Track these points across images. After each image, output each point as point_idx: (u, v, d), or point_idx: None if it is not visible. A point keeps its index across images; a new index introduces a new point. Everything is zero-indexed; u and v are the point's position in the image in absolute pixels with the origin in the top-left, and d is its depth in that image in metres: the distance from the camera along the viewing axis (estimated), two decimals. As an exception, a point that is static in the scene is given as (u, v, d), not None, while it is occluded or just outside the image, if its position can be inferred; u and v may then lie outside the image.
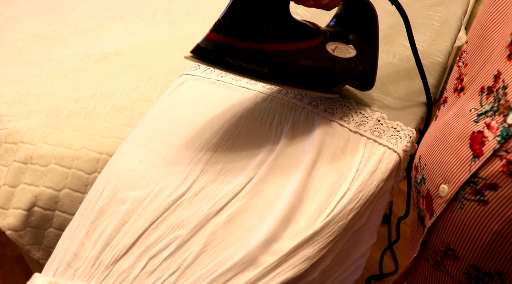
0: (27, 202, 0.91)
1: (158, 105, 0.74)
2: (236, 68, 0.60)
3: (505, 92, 0.52)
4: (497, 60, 0.55)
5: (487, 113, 0.54)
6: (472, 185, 0.53)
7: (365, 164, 0.64)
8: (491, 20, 0.57)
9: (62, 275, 0.52)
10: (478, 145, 0.54)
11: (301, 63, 0.65)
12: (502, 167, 0.50)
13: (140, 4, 1.54)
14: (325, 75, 0.69)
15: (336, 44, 0.68)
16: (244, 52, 0.60)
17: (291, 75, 0.65)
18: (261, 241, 0.54)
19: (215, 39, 0.59)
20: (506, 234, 0.51)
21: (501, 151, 0.50)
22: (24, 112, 1.03)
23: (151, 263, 0.53)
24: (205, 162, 0.64)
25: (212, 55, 0.59)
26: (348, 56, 0.70)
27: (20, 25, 1.40)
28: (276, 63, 0.62)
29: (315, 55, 0.66)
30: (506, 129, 0.50)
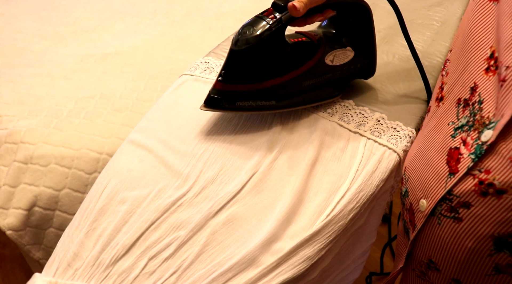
0: (27, 202, 0.91)
1: (158, 105, 0.74)
2: (247, 108, 0.67)
3: (480, 108, 0.52)
4: (474, 72, 0.55)
5: (463, 128, 0.54)
6: (447, 202, 0.53)
7: (365, 164, 0.64)
8: (473, 31, 0.56)
9: (62, 275, 0.52)
10: (454, 161, 0.53)
11: (304, 85, 0.69)
12: (474, 186, 0.49)
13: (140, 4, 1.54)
14: (328, 85, 0.72)
15: (333, 53, 0.70)
16: (250, 94, 0.66)
17: (297, 98, 0.70)
18: (261, 241, 0.54)
19: (223, 89, 0.65)
20: (480, 251, 0.50)
21: (474, 169, 0.50)
22: (24, 112, 1.03)
23: (151, 263, 0.53)
24: (204, 162, 0.64)
25: (224, 103, 0.66)
26: (347, 60, 0.72)
27: (20, 25, 1.40)
28: (280, 93, 0.68)
29: (316, 73, 0.70)
30: (480, 147, 0.49)
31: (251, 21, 0.63)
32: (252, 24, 0.63)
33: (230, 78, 0.65)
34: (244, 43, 0.62)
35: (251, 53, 0.63)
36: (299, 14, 0.61)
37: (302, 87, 0.69)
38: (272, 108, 0.68)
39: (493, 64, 0.52)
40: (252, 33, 0.62)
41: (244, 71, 0.65)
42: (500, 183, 0.47)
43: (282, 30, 0.63)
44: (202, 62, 0.84)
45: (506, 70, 0.48)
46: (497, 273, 0.50)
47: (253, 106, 0.67)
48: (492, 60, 0.52)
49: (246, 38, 0.62)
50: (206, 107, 0.66)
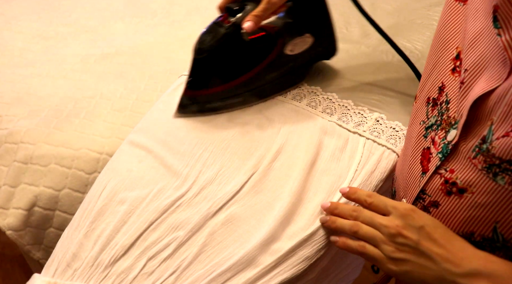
0: (27, 202, 0.91)
1: (157, 106, 0.74)
2: (217, 109, 0.71)
3: (447, 108, 0.52)
4: (442, 72, 0.55)
5: (433, 127, 0.55)
6: (421, 201, 0.54)
7: (364, 164, 0.64)
8: (442, 32, 0.57)
9: (61, 275, 0.52)
10: (426, 161, 0.54)
11: (268, 78, 0.73)
12: (441, 185, 0.50)
13: (140, 4, 1.53)
14: (291, 74, 0.76)
15: (292, 43, 0.73)
16: (218, 95, 0.71)
17: (263, 91, 0.74)
18: (260, 241, 0.54)
19: (192, 95, 0.70)
20: None
21: (441, 168, 0.50)
22: (24, 112, 1.03)
23: (149, 264, 0.53)
24: (203, 163, 0.64)
25: (194, 108, 0.71)
26: (307, 46, 0.75)
27: (20, 25, 1.39)
28: (246, 90, 0.72)
29: (278, 65, 0.73)
30: (446, 146, 0.50)
31: (208, 29, 0.67)
32: (210, 32, 0.66)
33: (196, 85, 0.70)
34: (204, 51, 0.66)
35: (211, 59, 0.68)
36: (253, 30, 0.65)
37: (266, 80, 0.73)
38: (242, 104, 0.73)
39: (458, 65, 0.52)
40: (210, 40, 0.66)
41: (208, 76, 0.70)
42: (461, 182, 0.48)
43: (238, 33, 0.66)
44: (201, 63, 0.83)
45: (465, 72, 0.49)
46: None
47: (222, 106, 0.71)
48: (458, 61, 0.53)
49: (205, 46, 0.66)
50: (179, 114, 0.70)
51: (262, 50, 0.72)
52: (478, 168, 0.45)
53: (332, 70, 0.83)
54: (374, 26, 0.74)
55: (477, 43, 0.48)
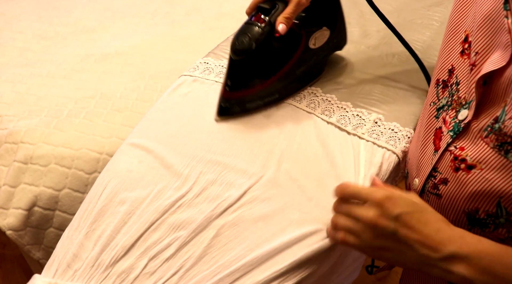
0: (27, 202, 0.91)
1: (157, 106, 0.74)
2: (257, 107, 0.72)
3: (457, 89, 0.55)
4: (452, 55, 0.57)
5: (444, 108, 0.57)
6: (432, 179, 0.56)
7: (369, 167, 0.64)
8: (453, 16, 0.59)
9: (62, 276, 0.52)
10: (438, 139, 0.56)
11: (297, 73, 0.75)
12: (450, 162, 0.52)
13: (140, 4, 1.53)
14: (315, 66, 0.79)
15: (314, 37, 0.75)
16: (256, 95, 0.71)
17: (294, 85, 0.76)
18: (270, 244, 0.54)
19: (232, 97, 0.70)
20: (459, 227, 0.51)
21: (452, 145, 0.53)
22: (24, 112, 1.03)
23: (151, 264, 0.53)
24: (205, 163, 0.64)
25: (236, 109, 0.71)
26: (326, 39, 0.77)
27: (20, 25, 1.39)
28: (281, 86, 0.73)
29: (305, 59, 0.75)
30: (457, 124, 0.52)
31: (243, 29, 0.67)
32: (245, 32, 0.66)
33: (236, 86, 0.70)
34: (243, 52, 0.66)
35: (251, 60, 0.68)
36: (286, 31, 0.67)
37: (296, 75, 0.75)
38: (277, 100, 0.74)
39: (467, 47, 0.54)
40: (248, 41, 0.65)
41: (247, 77, 0.70)
42: (471, 159, 0.50)
43: (272, 31, 0.67)
44: (201, 63, 0.84)
45: (476, 55, 0.51)
46: None
47: (261, 104, 0.72)
48: (466, 44, 0.54)
49: (244, 47, 0.66)
50: (220, 117, 0.70)
51: (291, 46, 0.73)
52: (490, 146, 0.48)
53: (332, 70, 0.83)
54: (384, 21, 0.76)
55: (486, 26, 0.50)
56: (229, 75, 0.70)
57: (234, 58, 0.68)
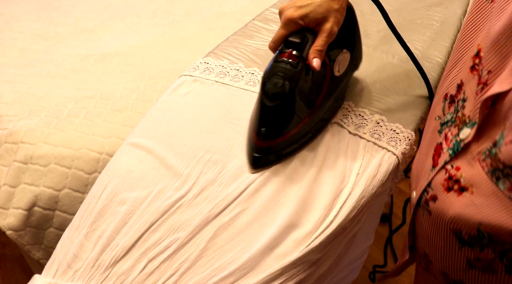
0: (27, 202, 0.91)
1: (157, 106, 0.74)
2: (293, 151, 0.65)
3: (463, 106, 0.52)
4: (462, 69, 0.55)
5: (447, 124, 0.55)
6: (425, 194, 0.54)
7: (366, 167, 0.63)
8: (466, 29, 0.56)
9: (62, 276, 0.52)
10: (437, 156, 0.54)
11: (327, 105, 0.69)
12: (444, 180, 0.51)
13: (140, 4, 1.53)
14: (340, 95, 0.73)
15: (337, 62, 0.70)
16: (292, 138, 0.64)
17: (326, 120, 0.70)
18: (264, 245, 0.54)
19: (267, 146, 0.63)
20: (451, 245, 0.51)
21: (448, 163, 0.51)
22: (24, 112, 1.03)
23: (150, 265, 0.53)
24: (204, 163, 0.64)
25: (272, 158, 0.64)
26: (347, 63, 0.72)
27: (20, 25, 1.40)
28: (315, 123, 0.67)
29: (333, 89, 0.70)
30: (458, 143, 0.50)
31: (274, 69, 0.60)
32: (278, 73, 0.60)
33: (271, 134, 0.63)
34: (280, 96, 0.60)
35: (288, 103, 0.62)
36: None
37: (326, 108, 0.69)
38: (311, 140, 0.67)
39: (477, 62, 0.52)
40: (283, 83, 0.59)
41: (283, 122, 0.63)
42: (464, 181, 0.48)
43: (306, 68, 0.61)
44: (201, 63, 0.84)
45: (489, 74, 0.48)
46: (471, 267, 0.51)
47: (296, 148, 0.65)
48: (477, 59, 0.52)
49: (280, 91, 0.59)
50: (256, 169, 0.63)
51: (320, 79, 0.68)
52: (485, 170, 0.46)
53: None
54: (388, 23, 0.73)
55: (500, 43, 0.47)
56: (263, 122, 0.63)
57: (269, 104, 0.61)
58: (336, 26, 0.62)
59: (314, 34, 0.62)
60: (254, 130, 0.64)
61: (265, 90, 0.60)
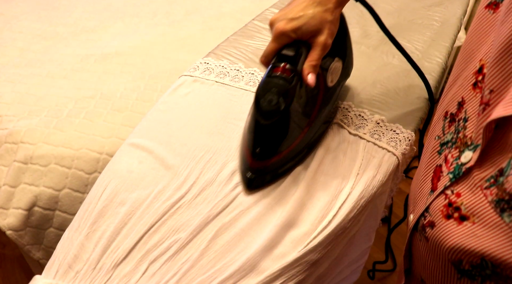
0: (27, 202, 0.91)
1: (157, 106, 0.74)
2: (289, 169, 0.62)
3: (465, 126, 0.49)
4: (463, 85, 0.52)
5: (448, 144, 0.52)
6: (422, 219, 0.52)
7: (365, 167, 0.63)
8: (468, 41, 0.54)
9: (63, 277, 0.52)
10: (436, 179, 0.52)
11: (322, 119, 0.67)
12: (443, 207, 0.48)
13: (140, 4, 1.54)
14: (334, 105, 0.71)
15: (330, 73, 0.66)
16: (287, 157, 0.61)
17: (321, 133, 0.67)
18: (262, 246, 0.54)
19: (262, 166, 0.60)
20: (449, 274, 0.49)
21: (449, 189, 0.48)
22: (24, 112, 1.03)
23: (151, 267, 0.53)
24: (204, 164, 0.64)
25: (267, 178, 0.61)
26: (340, 71, 0.69)
27: (20, 25, 1.40)
28: (310, 139, 0.64)
29: (327, 101, 0.67)
30: (459, 167, 0.48)
31: (268, 85, 0.56)
32: (272, 89, 0.56)
33: (266, 154, 0.60)
34: (275, 114, 0.56)
35: (283, 121, 0.59)
36: None
37: (322, 121, 0.67)
38: (306, 155, 0.65)
39: (480, 79, 0.48)
40: (278, 100, 0.55)
41: (277, 141, 0.60)
42: (465, 208, 0.45)
43: (300, 82, 0.58)
44: (201, 63, 0.84)
45: (491, 93, 0.44)
46: None
47: (292, 165, 0.63)
48: (480, 75, 0.48)
49: (276, 108, 0.55)
50: (251, 191, 0.60)
51: (314, 91, 0.64)
52: (488, 199, 0.43)
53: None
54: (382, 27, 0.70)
55: (505, 58, 0.43)
56: (257, 142, 0.60)
57: (264, 123, 0.58)
58: (330, 38, 0.59)
59: (308, 47, 0.59)
60: (248, 150, 0.61)
61: (260, 108, 0.56)
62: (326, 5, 0.57)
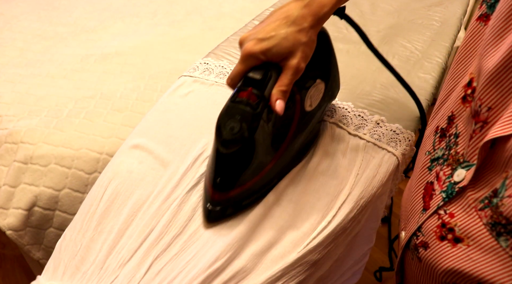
0: (27, 202, 0.91)
1: (157, 107, 0.74)
2: (255, 201, 0.59)
3: (456, 142, 0.48)
4: (453, 100, 0.50)
5: (439, 161, 0.50)
6: (415, 238, 0.50)
7: (365, 168, 0.63)
8: (459, 54, 0.52)
9: (71, 279, 0.52)
10: (428, 197, 0.50)
11: (296, 146, 0.62)
12: (436, 227, 0.47)
13: (140, 4, 1.54)
14: (313, 130, 0.66)
15: (309, 95, 0.61)
16: (253, 188, 0.57)
17: (293, 160, 0.63)
18: (262, 246, 0.54)
19: (224, 198, 0.56)
20: None
21: (442, 208, 0.47)
22: (24, 112, 1.03)
23: (156, 265, 0.53)
24: (204, 164, 0.64)
25: (230, 211, 0.57)
26: (322, 94, 0.64)
27: (20, 25, 1.40)
28: (280, 167, 0.60)
29: (303, 127, 0.62)
30: (452, 186, 0.46)
31: (231, 111, 0.51)
32: (234, 115, 0.51)
33: (228, 185, 0.56)
34: (237, 143, 0.51)
35: (246, 150, 0.53)
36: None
37: (295, 149, 0.62)
38: (276, 184, 0.61)
39: (470, 93, 0.46)
40: (241, 128, 0.50)
41: (241, 171, 0.55)
42: (459, 230, 0.44)
43: (267, 108, 0.53)
44: (201, 63, 0.84)
45: (489, 111, 0.42)
46: None
47: (259, 196, 0.59)
48: (469, 89, 0.47)
49: (237, 137, 0.50)
50: (210, 224, 0.57)
51: (287, 117, 0.59)
52: (483, 222, 0.41)
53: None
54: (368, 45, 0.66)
55: (500, 78, 0.41)
56: (218, 173, 0.55)
57: (225, 152, 0.53)
58: (304, 61, 0.53)
59: (279, 70, 0.53)
60: (209, 180, 0.56)
61: (220, 136, 0.51)
62: (301, 24, 0.52)
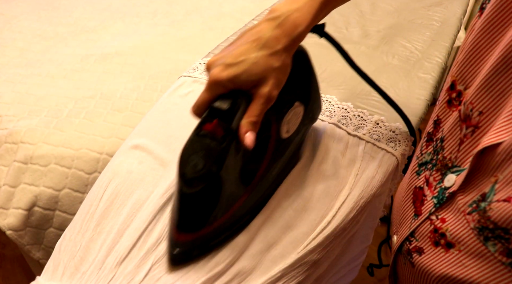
0: (27, 202, 0.91)
1: (157, 107, 0.74)
2: (224, 240, 0.53)
3: (442, 146, 0.46)
4: (439, 103, 0.49)
5: (427, 165, 0.49)
6: (407, 243, 0.50)
7: (365, 168, 0.63)
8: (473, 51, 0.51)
9: (70, 279, 0.52)
10: (419, 203, 0.49)
11: (270, 177, 0.57)
12: (430, 233, 0.46)
13: (140, 4, 1.54)
14: (292, 157, 0.62)
15: (285, 121, 0.56)
16: (221, 227, 0.52)
17: (268, 192, 0.58)
18: (261, 246, 0.54)
19: (189, 239, 0.51)
20: None
21: (434, 214, 0.46)
22: (24, 112, 1.03)
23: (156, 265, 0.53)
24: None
25: (195, 253, 0.52)
26: (301, 118, 0.60)
27: (20, 25, 1.40)
28: (253, 203, 0.56)
29: (278, 156, 0.58)
30: (443, 191, 0.45)
31: (194, 146, 0.47)
32: (198, 150, 0.46)
33: (193, 226, 0.51)
34: (200, 181, 0.46)
35: (212, 188, 0.48)
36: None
37: (270, 180, 0.57)
38: (249, 221, 0.56)
39: (455, 97, 0.45)
40: (205, 165, 0.45)
41: (207, 210, 0.50)
42: (450, 235, 0.43)
43: (236, 141, 0.47)
44: (201, 63, 0.84)
45: (480, 115, 0.41)
46: None
47: (229, 235, 0.54)
48: (453, 93, 0.45)
49: (201, 175, 0.45)
50: (174, 267, 0.51)
51: (259, 146, 0.52)
52: (470, 226, 0.40)
53: (332, 71, 0.83)
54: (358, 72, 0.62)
55: (491, 82, 0.40)
56: (182, 212, 0.50)
57: (188, 191, 0.48)
58: (276, 89, 0.48)
59: (248, 98, 0.48)
60: (173, 220, 0.52)
61: (182, 174, 0.46)
62: (273, 47, 0.46)
